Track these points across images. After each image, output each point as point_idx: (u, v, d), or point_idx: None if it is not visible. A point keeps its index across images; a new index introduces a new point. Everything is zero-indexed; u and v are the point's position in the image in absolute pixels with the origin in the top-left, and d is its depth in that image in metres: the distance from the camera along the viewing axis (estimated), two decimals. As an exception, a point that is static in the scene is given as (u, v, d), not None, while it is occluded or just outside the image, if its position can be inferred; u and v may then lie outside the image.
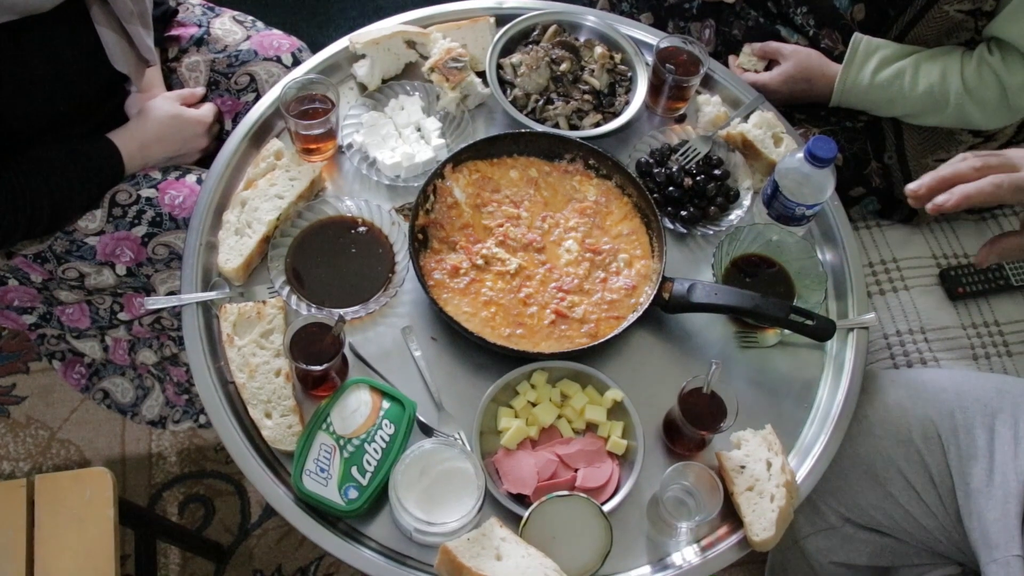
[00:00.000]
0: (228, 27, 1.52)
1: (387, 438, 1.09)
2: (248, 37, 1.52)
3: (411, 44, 1.42)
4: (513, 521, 1.05)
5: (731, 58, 1.58)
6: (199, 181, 1.36)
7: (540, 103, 1.40)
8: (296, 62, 1.53)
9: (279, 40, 1.53)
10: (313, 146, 1.31)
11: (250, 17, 1.57)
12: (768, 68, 1.54)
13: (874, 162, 1.51)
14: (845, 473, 1.26)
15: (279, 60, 1.52)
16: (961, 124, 1.46)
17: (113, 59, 1.28)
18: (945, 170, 1.05)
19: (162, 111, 1.38)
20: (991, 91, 1.38)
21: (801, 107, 1.54)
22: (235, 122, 1.52)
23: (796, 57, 1.49)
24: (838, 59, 1.46)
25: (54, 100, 1.26)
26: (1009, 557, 1.10)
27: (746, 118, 1.40)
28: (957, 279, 1.51)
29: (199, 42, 1.50)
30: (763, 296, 1.18)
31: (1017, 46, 1.34)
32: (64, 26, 1.22)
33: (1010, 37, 1.34)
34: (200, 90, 1.48)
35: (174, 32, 1.51)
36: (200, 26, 1.51)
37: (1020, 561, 1.10)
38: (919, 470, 1.23)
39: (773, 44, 1.52)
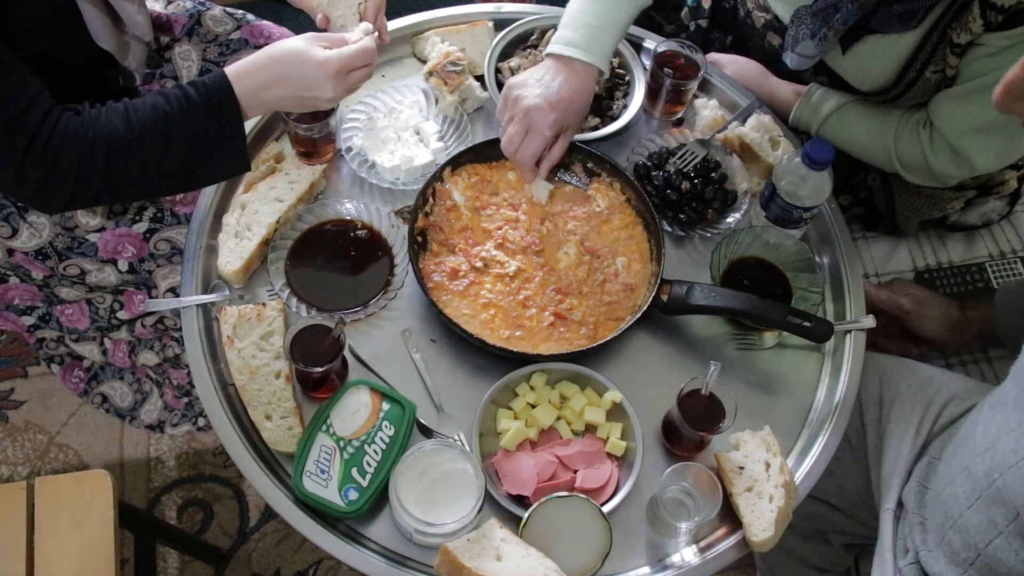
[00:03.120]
0: (219, 18, 1.53)
1: (387, 439, 1.09)
2: (239, 27, 1.52)
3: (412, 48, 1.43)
4: (513, 522, 1.06)
5: None
6: None
7: (538, 107, 1.40)
8: None
9: (269, 29, 1.53)
10: (313, 149, 1.32)
11: (240, 11, 1.57)
12: None
13: (861, 175, 1.52)
14: None
15: None
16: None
17: (95, 35, 1.23)
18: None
19: (284, 45, 1.18)
20: (918, 163, 1.34)
21: None
22: None
23: (733, 66, 1.53)
24: None
25: (34, 72, 1.14)
26: (889, 510, 1.18)
27: (744, 121, 1.40)
28: (931, 282, 1.48)
29: (190, 32, 1.50)
30: (761, 298, 1.19)
31: (942, 131, 1.29)
32: None
33: (936, 119, 1.30)
34: (353, 35, 1.22)
35: (166, 22, 1.51)
36: (191, 17, 1.52)
37: (890, 515, 1.18)
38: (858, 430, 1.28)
39: (714, 55, 1.56)
